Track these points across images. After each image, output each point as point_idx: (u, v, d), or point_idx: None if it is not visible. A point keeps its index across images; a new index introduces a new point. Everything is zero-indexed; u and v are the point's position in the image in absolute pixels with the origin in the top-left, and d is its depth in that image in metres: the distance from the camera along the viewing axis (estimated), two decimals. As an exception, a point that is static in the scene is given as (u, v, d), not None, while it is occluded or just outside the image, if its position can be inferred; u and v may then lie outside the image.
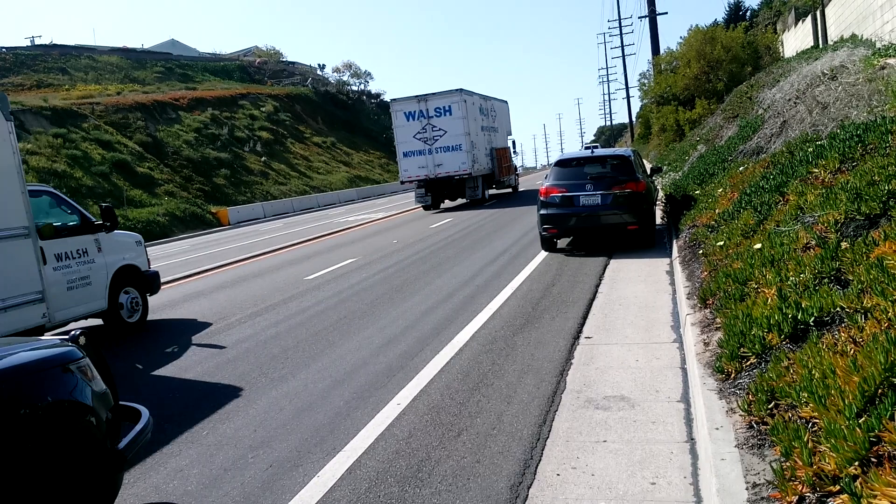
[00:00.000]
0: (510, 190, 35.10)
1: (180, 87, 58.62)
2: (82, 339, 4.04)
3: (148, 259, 10.75)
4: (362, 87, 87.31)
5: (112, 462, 3.74)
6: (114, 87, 51.66)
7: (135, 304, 10.10)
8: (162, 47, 79.33)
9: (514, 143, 36.63)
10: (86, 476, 3.56)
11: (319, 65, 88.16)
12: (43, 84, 49.42)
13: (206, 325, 9.65)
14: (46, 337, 4.15)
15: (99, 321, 10.03)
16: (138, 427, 4.06)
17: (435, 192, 28.16)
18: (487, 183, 30.36)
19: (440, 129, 27.19)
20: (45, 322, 8.33)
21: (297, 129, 62.67)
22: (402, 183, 29.48)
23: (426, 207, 28.22)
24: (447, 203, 29.53)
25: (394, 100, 28.68)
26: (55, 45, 60.52)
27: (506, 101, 36.38)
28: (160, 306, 11.57)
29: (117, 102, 45.40)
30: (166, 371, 7.49)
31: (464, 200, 29.11)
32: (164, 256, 22.50)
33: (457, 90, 27.47)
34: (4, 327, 7.67)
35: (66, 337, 4.05)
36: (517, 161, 38.97)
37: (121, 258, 9.93)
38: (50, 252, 8.62)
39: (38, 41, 62.09)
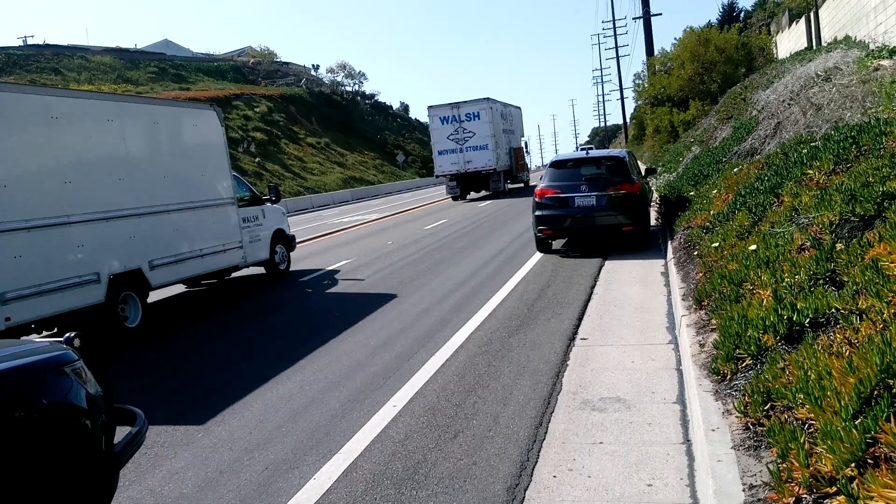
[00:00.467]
0: (522, 185, 38.19)
1: (174, 88, 58.51)
2: (77, 342, 4.02)
3: (288, 225, 14.50)
4: (357, 87, 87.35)
5: (107, 465, 3.72)
6: (107, 88, 51.47)
7: (283, 257, 13.91)
8: (155, 47, 79.11)
9: (526, 143, 42.03)
10: (81, 479, 3.54)
11: (314, 65, 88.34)
12: (36, 84, 49.22)
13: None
14: (39, 340, 4.12)
15: (262, 269, 13.80)
16: (134, 430, 4.03)
17: (464, 184, 32.68)
18: (506, 177, 34.46)
19: (470, 132, 31.92)
20: (242, 262, 12.32)
21: (291, 130, 62.60)
22: (437, 177, 34.43)
23: (454, 198, 32.70)
24: (472, 195, 34.00)
25: (431, 106, 32.98)
26: (48, 46, 60.32)
27: (520, 108, 41.20)
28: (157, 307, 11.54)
29: (111, 103, 45.22)
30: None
31: (486, 192, 33.40)
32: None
33: (484, 99, 32.47)
34: (225, 262, 11.87)
35: (61, 339, 4.02)
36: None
37: (275, 223, 13.74)
38: (239, 217, 12.37)
39: (30, 41, 61.93)
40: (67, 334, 4.10)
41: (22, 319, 7.97)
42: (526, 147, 41.24)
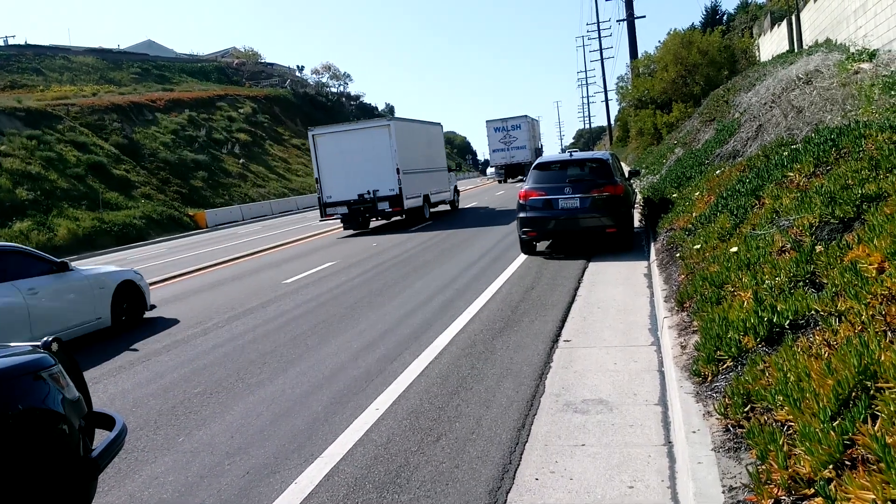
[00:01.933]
0: None
1: (157, 89, 58.03)
2: (55, 346, 3.97)
3: (457, 183, 30.78)
4: (341, 88, 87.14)
5: (85, 471, 3.68)
6: (89, 89, 50.98)
7: (457, 200, 28.51)
8: (138, 48, 78.40)
9: (542, 146, 60.72)
10: (58, 485, 3.50)
11: (298, 66, 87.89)
12: (17, 85, 48.66)
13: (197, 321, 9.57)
14: (16, 344, 4.07)
15: (447, 207, 27.84)
16: (112, 435, 3.99)
17: (508, 172, 50.75)
18: None
19: (514, 137, 49.64)
20: (448, 199, 27.23)
21: (275, 131, 62.33)
22: (491, 167, 54.55)
23: (500, 181, 51.23)
24: (510, 180, 51.03)
25: (488, 120, 50.96)
26: (29, 46, 59.61)
27: (538, 119, 60.17)
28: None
29: (93, 104, 44.84)
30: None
31: (521, 178, 46.21)
32: (140, 260, 22.23)
33: (523, 116, 50.42)
34: (443, 198, 26.48)
35: (38, 344, 3.98)
36: None
37: (454, 181, 28.92)
38: (447, 177, 27.67)
39: (11, 41, 61.10)
40: (45, 339, 4.05)
41: (409, 207, 21.28)
42: (542, 149, 59.56)
